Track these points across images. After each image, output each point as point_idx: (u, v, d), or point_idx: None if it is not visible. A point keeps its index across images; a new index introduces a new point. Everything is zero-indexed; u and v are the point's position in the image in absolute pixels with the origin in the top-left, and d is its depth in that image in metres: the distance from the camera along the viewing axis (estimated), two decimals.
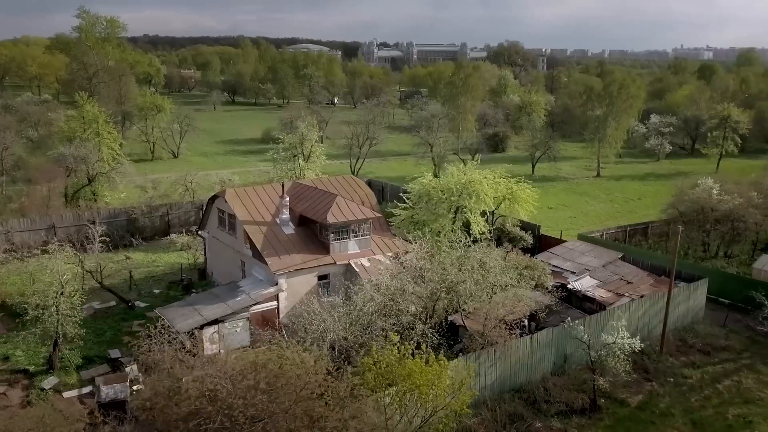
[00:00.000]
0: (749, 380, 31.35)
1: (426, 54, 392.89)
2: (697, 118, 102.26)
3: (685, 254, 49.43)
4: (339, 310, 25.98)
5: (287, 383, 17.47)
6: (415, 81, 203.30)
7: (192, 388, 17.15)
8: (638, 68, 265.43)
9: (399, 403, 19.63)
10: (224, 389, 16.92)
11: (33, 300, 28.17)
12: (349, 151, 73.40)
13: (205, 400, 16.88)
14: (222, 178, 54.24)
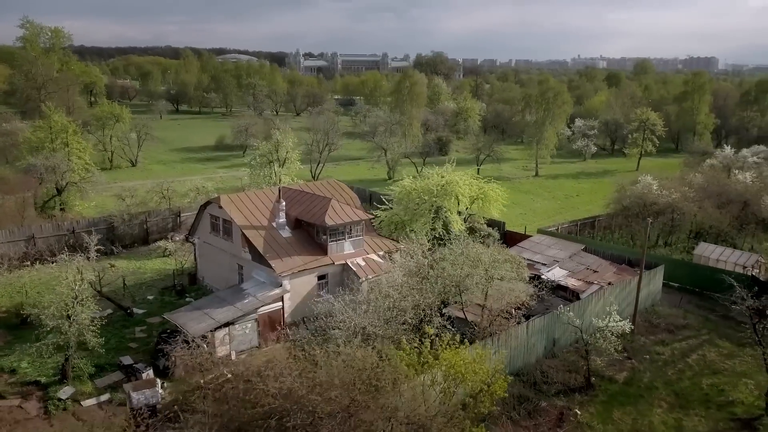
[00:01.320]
0: (712, 354, 33.55)
1: (350, 64, 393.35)
2: (616, 122, 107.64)
3: (632, 244, 52.18)
4: (362, 307, 25.97)
5: (357, 377, 17.47)
6: (349, 89, 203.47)
7: (272, 387, 16.85)
8: (545, 75, 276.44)
9: (447, 389, 19.97)
10: (303, 387, 16.74)
11: (51, 311, 26.69)
12: (309, 156, 72.85)
13: (283, 399, 16.65)
14: (196, 185, 52.69)
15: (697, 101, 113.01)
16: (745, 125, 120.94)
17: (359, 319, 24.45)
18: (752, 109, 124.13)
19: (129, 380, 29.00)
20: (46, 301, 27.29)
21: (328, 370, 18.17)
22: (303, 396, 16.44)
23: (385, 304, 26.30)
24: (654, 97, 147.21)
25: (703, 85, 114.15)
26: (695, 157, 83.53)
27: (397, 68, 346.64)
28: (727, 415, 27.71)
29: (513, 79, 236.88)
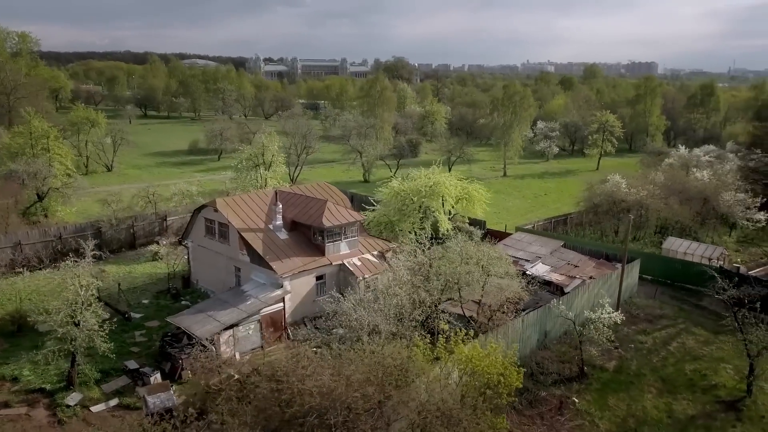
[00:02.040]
0: (690, 341, 34.77)
1: (309, 68, 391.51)
2: (575, 124, 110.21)
3: (600, 238, 53.61)
4: (367, 306, 26.02)
5: (388, 372, 17.55)
6: (313, 93, 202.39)
7: (311, 386, 16.74)
8: (499, 80, 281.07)
9: (470, 382, 20.24)
10: (341, 384, 16.71)
11: (60, 317, 25.90)
12: (287, 159, 72.20)
13: (321, 397, 16.57)
14: (180, 189, 51.76)
15: (649, 104, 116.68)
16: (693, 126, 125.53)
17: (373, 318, 24.47)
18: (698, 111, 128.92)
19: (136, 384, 28.44)
20: (53, 307, 26.40)
21: (361, 366, 18.19)
22: (342, 393, 16.44)
23: (393, 302, 26.39)
24: (606, 100, 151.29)
25: (654, 89, 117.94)
26: (651, 157, 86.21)
27: (356, 73, 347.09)
28: (711, 398, 28.79)
29: (471, 84, 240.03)
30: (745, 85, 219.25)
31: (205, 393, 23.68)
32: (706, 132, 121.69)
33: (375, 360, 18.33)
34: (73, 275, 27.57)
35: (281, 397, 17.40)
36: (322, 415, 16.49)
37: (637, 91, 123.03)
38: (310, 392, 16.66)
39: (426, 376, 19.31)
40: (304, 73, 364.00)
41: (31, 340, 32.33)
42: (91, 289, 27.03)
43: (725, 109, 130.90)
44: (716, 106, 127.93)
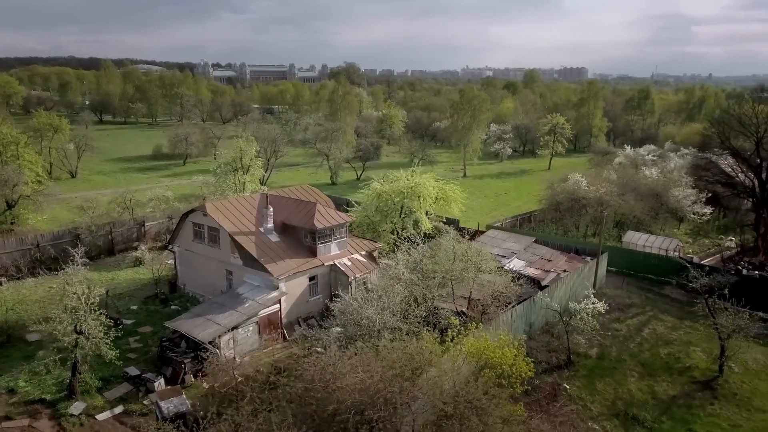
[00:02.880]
0: (660, 327, 36.26)
1: (258, 74, 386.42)
2: (526, 126, 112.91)
3: (565, 233, 55.14)
4: (374, 303, 26.04)
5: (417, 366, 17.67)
6: (267, 98, 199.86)
7: (350, 383, 16.64)
8: (444, 84, 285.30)
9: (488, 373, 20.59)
10: (381, 380, 16.68)
11: (64, 326, 24.80)
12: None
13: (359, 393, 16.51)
14: (156, 195, 50.30)
15: (592, 107, 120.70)
16: (631, 127, 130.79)
17: (382, 315, 24.50)
18: (636, 113, 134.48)
19: (138, 391, 27.55)
20: (54, 316, 25.26)
21: (389, 362, 18.23)
22: (382, 388, 16.43)
23: (397, 300, 26.49)
24: (548, 104, 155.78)
25: (596, 93, 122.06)
26: (599, 156, 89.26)
27: (304, 78, 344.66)
28: (688, 379, 30.15)
29: (420, 88, 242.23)
30: (668, 88, 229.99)
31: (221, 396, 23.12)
32: (643, 132, 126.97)
33: (403, 355, 18.40)
34: (73, 282, 26.48)
35: (316, 395, 17.25)
36: (361, 411, 16.46)
37: (581, 95, 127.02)
38: (350, 389, 16.59)
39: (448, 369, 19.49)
40: (253, 78, 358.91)
41: (20, 351, 30.92)
42: (94, 296, 25.96)
43: (659, 112, 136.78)
44: (651, 109, 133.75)
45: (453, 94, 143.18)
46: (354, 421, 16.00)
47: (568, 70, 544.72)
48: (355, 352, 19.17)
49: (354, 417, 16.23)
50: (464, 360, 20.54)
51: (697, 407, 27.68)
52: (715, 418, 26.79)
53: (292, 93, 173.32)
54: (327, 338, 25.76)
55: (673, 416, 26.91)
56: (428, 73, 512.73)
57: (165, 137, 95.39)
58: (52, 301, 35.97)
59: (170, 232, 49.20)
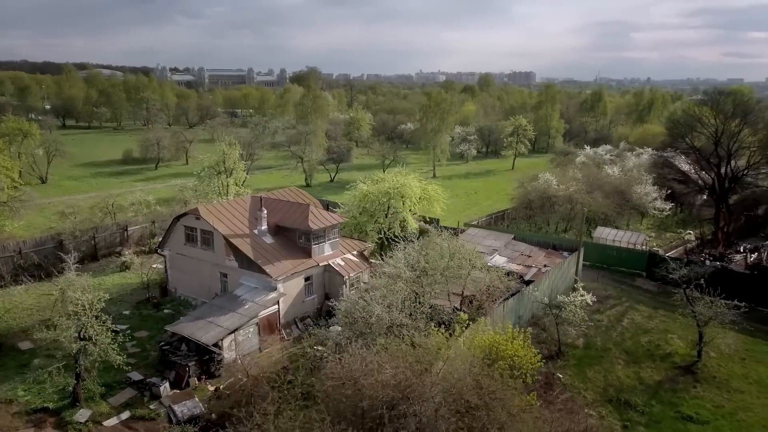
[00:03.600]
0: (637, 317, 37.46)
1: (217, 78, 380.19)
2: (488, 128, 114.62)
3: (538, 230, 56.33)
4: (380, 302, 26.05)
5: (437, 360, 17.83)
6: (231, 102, 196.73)
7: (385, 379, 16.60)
8: (400, 88, 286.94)
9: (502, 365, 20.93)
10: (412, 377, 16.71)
11: (71, 333, 23.90)
12: None
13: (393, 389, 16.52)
14: (137, 199, 48.94)
15: (549, 109, 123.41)
16: (585, 128, 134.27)
17: (390, 314, 24.54)
18: (589, 115, 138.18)
19: (143, 395, 26.81)
20: (60, 323, 24.31)
21: (412, 357, 18.32)
22: (414, 382, 16.51)
23: (401, 297, 26.58)
24: (505, 106, 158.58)
25: (554, 96, 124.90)
26: (560, 156, 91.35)
27: (263, 82, 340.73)
28: (670, 365, 31.26)
29: (380, 92, 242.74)
30: (611, 91, 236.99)
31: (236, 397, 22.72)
32: (597, 133, 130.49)
33: (425, 350, 18.53)
34: (75, 288, 25.59)
35: (346, 392, 17.18)
36: (393, 406, 16.49)
37: (539, 98, 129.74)
38: (381, 385, 16.59)
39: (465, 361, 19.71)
40: (212, 82, 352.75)
41: (14, 360, 29.65)
42: (101, 302, 25.16)
43: (611, 113, 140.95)
44: (604, 111, 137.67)
45: (417, 98, 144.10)
46: (389, 415, 16.00)
47: (517, 74, 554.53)
48: (377, 350, 19.15)
49: (388, 411, 16.25)
50: (479, 353, 20.79)
51: (681, 390, 28.74)
52: (700, 400, 27.88)
53: (256, 97, 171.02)
54: (337, 337, 25.66)
55: (661, 400, 27.87)
56: (384, 77, 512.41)
57: (134, 141, 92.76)
58: (45, 308, 34.94)
59: (153, 236, 48.08)
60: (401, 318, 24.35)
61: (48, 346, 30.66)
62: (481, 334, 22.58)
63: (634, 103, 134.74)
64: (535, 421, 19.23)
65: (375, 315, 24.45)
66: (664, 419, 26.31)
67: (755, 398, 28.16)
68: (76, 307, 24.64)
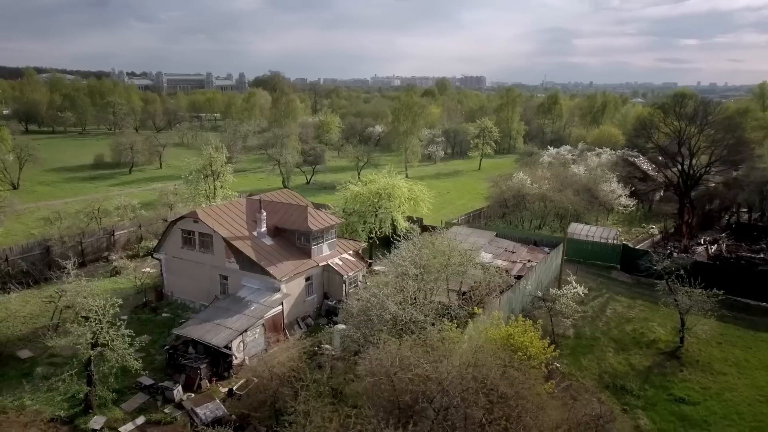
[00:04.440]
0: (618, 307, 38.61)
1: (175, 82, 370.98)
2: (454, 130, 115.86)
3: (516, 227, 57.25)
4: (392, 298, 26.06)
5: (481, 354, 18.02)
6: (195, 106, 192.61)
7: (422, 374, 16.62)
8: (361, 92, 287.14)
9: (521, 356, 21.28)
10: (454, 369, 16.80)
11: (86, 339, 23.00)
12: None
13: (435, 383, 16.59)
14: (122, 203, 47.44)
15: (510, 112, 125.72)
16: (543, 130, 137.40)
17: (406, 311, 24.59)
18: (546, 117, 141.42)
19: (155, 400, 26.04)
20: (74, 329, 23.37)
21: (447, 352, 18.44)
22: (455, 376, 16.61)
23: (410, 295, 26.66)
24: (465, 109, 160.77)
25: (514, 99, 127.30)
26: (525, 157, 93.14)
27: (222, 86, 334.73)
28: (656, 351, 32.35)
29: (343, 96, 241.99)
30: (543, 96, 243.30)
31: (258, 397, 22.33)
32: (554, 134, 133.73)
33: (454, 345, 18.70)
34: (87, 294, 24.70)
35: (384, 388, 17.14)
36: (431, 400, 16.57)
37: (501, 100, 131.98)
38: (422, 379, 16.62)
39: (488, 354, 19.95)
40: (170, 86, 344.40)
41: (15, 369, 28.39)
42: (114, 307, 24.33)
43: (567, 115, 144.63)
44: (560, 113, 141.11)
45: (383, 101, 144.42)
46: (435, 407, 16.07)
47: (469, 79, 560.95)
48: (410, 345, 19.16)
49: (428, 404, 16.31)
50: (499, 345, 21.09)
51: (670, 374, 29.79)
52: (688, 383, 28.96)
53: (223, 101, 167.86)
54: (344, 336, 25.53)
55: (653, 384, 28.83)
56: (340, 82, 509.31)
57: (104, 146, 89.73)
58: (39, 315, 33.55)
59: (140, 240, 46.72)
60: (416, 314, 24.41)
61: (49, 354, 29.60)
62: (496, 327, 22.89)
63: (588, 105, 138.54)
64: (558, 408, 19.62)
65: (390, 312, 24.42)
66: (659, 402, 27.23)
67: (737, 379, 29.46)
68: (89, 312, 23.73)
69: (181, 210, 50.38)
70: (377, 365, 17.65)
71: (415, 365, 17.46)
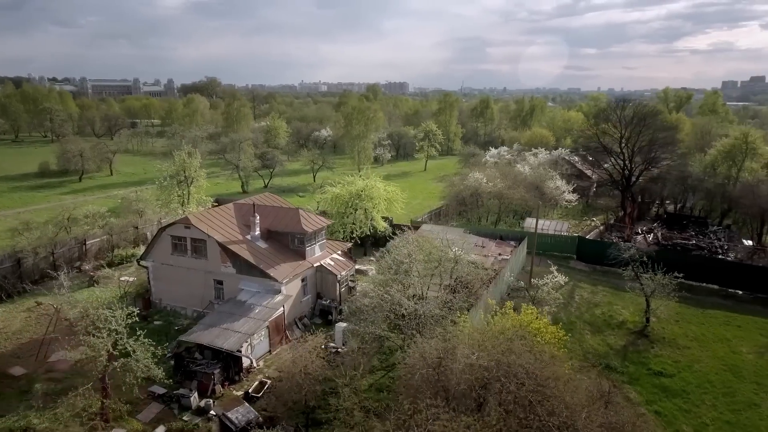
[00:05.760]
0: (584, 293, 40.54)
1: (100, 88, 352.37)
2: (398, 133, 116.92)
3: (477, 224, 58.64)
4: (404, 293, 26.19)
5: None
6: (131, 112, 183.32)
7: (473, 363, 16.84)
8: (292, 97, 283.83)
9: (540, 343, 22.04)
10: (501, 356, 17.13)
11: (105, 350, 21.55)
12: None
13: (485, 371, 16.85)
14: (91, 212, 44.59)
15: (448, 115, 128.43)
16: (477, 132, 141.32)
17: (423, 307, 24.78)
18: (479, 120, 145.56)
19: (170, 408, 24.79)
20: (91, 341, 21.83)
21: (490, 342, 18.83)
22: (504, 363, 16.99)
23: (418, 291, 26.87)
24: (401, 113, 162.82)
25: (452, 104, 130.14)
26: (467, 158, 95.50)
27: (150, 92, 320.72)
28: (626, 331, 34.28)
29: (282, 101, 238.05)
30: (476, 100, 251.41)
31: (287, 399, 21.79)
32: (487, 137, 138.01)
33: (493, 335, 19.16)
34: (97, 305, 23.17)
35: (438, 378, 17.28)
36: (485, 386, 16.88)
37: (440, 105, 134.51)
38: (474, 368, 16.89)
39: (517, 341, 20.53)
40: (96, 92, 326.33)
41: (10, 387, 26.11)
42: (133, 316, 22.96)
43: (498, 118, 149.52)
44: (492, 116, 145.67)
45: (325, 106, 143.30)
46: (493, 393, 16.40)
47: (392, 85, 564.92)
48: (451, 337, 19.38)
49: (483, 392, 16.62)
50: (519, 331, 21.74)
51: (644, 351, 31.69)
52: (661, 358, 30.93)
53: (162, 107, 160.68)
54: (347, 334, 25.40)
55: (632, 361, 30.58)
56: (268, 87, 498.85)
57: (49, 153, 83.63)
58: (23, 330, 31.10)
59: (113, 248, 44.13)
60: (432, 309, 24.66)
61: (45, 369, 27.49)
62: (503, 316, 23.56)
63: (516, 109, 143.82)
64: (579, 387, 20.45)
65: (406, 308, 24.52)
66: (641, 376, 28.92)
67: (700, 352, 31.78)
68: (106, 323, 22.28)
69: (152, 217, 48.10)
70: (421, 358, 17.75)
71: (462, 355, 17.72)
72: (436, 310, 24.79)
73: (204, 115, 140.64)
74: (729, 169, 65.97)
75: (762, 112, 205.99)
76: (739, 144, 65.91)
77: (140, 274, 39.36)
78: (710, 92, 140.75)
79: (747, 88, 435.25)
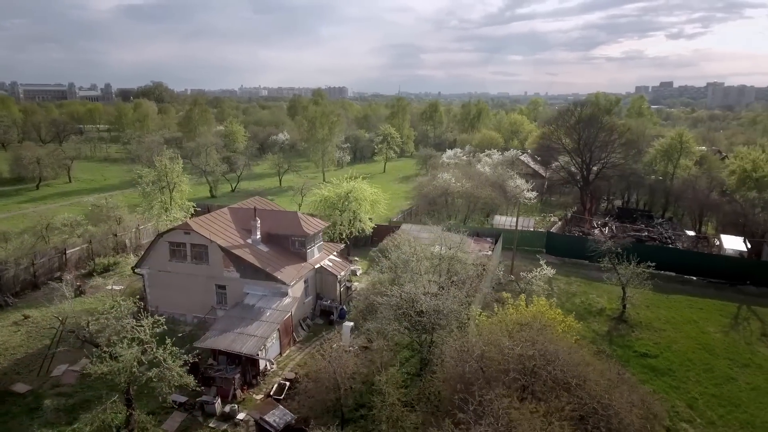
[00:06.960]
0: (560, 284, 41.99)
1: (33, 93, 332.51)
2: (355, 136, 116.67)
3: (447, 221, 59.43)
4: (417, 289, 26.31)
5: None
6: (75, 117, 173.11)
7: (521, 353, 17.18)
8: (234, 101, 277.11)
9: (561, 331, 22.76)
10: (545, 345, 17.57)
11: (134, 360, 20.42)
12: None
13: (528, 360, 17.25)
14: (68, 221, 41.95)
15: (401, 119, 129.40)
16: (427, 135, 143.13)
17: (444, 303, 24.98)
18: (429, 123, 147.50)
19: (193, 416, 23.80)
20: (120, 352, 20.61)
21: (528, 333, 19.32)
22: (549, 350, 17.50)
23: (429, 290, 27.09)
24: (351, 117, 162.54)
25: (404, 108, 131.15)
26: (426, 159, 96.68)
27: (87, 97, 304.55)
28: (606, 318, 35.86)
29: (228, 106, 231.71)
30: (414, 104, 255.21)
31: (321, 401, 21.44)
32: (436, 139, 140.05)
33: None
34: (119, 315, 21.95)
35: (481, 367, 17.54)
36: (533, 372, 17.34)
37: (392, 109, 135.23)
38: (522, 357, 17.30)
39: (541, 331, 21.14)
40: (28, 98, 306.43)
41: (18, 405, 24.28)
42: (161, 325, 21.87)
43: (446, 121, 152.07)
44: (440, 120, 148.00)
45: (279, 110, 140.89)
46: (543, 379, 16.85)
47: (332, 89, 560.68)
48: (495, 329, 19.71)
49: (531, 377, 17.06)
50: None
51: (626, 336, 33.28)
52: (643, 341, 32.59)
53: (108, 112, 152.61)
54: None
55: (619, 344, 32.06)
56: (208, 92, 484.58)
57: (1, 160, 77.71)
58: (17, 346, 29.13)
59: (93, 257, 41.69)
60: (450, 304, 24.92)
61: (51, 385, 25.72)
62: (523, 307, 24.19)
63: (464, 113, 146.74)
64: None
65: (424, 306, 24.68)
66: (630, 358, 30.38)
67: (675, 333, 33.72)
68: (134, 333, 21.13)
69: (129, 223, 45.86)
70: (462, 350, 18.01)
71: (506, 346, 18.10)
72: (455, 305, 25.05)
73: (154, 119, 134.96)
74: (666, 166, 70.27)
75: (673, 114, 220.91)
76: (675, 143, 70.30)
77: (130, 282, 37.58)
78: (636, 96, 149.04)
79: (657, 92, 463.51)
